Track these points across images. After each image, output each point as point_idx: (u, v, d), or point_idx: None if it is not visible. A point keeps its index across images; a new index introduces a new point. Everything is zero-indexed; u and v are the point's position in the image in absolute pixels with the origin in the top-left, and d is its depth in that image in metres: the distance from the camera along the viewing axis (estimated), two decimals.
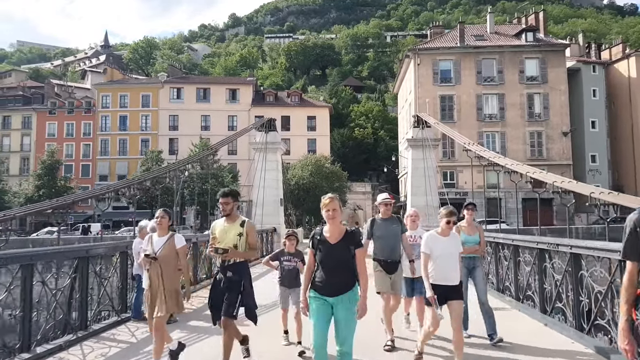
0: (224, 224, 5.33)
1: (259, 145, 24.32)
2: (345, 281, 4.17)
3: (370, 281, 4.54)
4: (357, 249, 4.20)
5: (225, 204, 5.26)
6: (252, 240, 5.29)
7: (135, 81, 73.32)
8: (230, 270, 5.21)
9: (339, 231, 4.21)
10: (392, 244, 6.52)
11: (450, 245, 5.39)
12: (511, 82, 45.31)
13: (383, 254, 6.54)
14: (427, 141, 22.35)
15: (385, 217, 6.60)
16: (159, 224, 5.79)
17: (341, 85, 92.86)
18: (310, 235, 4.43)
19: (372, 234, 6.62)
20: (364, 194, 63.81)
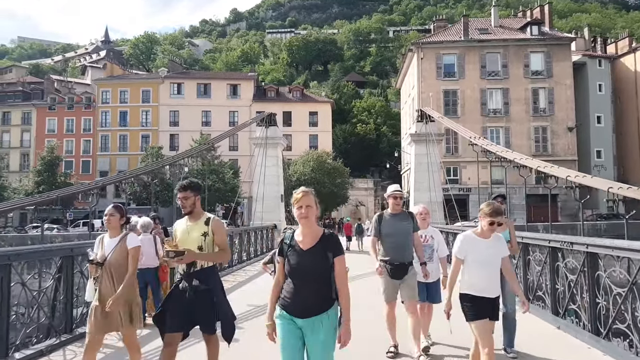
0: (185, 223, 4.46)
1: (259, 141, 23.82)
2: (320, 298, 3.34)
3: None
4: (337, 257, 3.38)
5: (185, 199, 4.38)
6: (221, 240, 4.42)
7: (135, 76, 72.87)
8: (196, 277, 4.28)
9: (314, 234, 3.42)
10: (403, 243, 5.71)
11: (492, 251, 4.40)
12: (516, 76, 44.69)
13: (392, 255, 5.73)
14: (430, 136, 21.80)
15: (394, 212, 5.80)
16: (107, 223, 4.89)
17: (343, 81, 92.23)
18: (279, 240, 3.65)
19: (380, 232, 5.81)
20: (366, 190, 63.38)
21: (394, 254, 5.69)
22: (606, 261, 6.09)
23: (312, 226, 3.43)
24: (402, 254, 5.71)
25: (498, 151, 16.52)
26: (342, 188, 50.58)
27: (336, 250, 3.39)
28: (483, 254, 4.36)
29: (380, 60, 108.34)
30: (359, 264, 17.08)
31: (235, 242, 15.67)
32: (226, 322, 4.38)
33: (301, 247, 3.41)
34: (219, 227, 4.43)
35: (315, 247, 3.37)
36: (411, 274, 5.78)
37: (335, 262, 3.37)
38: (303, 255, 3.38)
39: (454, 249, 4.49)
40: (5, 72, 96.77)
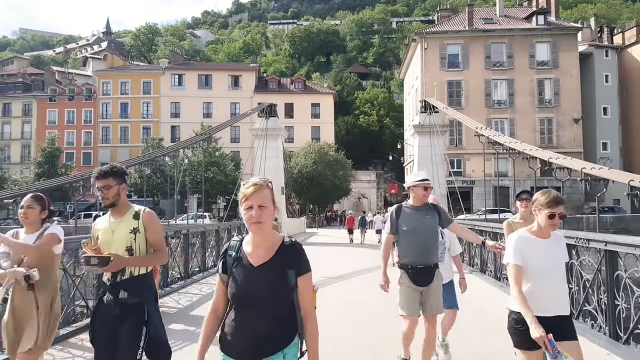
0: (108, 219, 3.53)
1: (259, 132, 23.34)
2: (276, 334, 2.37)
3: None
4: (301, 276, 2.41)
5: (105, 189, 3.43)
6: (155, 238, 3.52)
7: (136, 67, 72.28)
8: (124, 288, 3.34)
9: (269, 244, 2.44)
10: (426, 242, 4.72)
11: (555, 254, 3.37)
12: (521, 67, 43.99)
13: (414, 256, 4.73)
14: (434, 127, 21.25)
15: (417, 204, 4.79)
16: (24, 217, 4.00)
17: (346, 72, 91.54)
18: (222, 251, 2.61)
19: (398, 228, 4.83)
20: (368, 183, 62.99)
21: (417, 255, 4.72)
22: (627, 260, 5.65)
23: (268, 234, 2.44)
24: (427, 254, 4.75)
25: (506, 142, 15.93)
26: (344, 180, 50.12)
27: (300, 267, 2.42)
28: (545, 259, 3.30)
29: (383, 52, 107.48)
30: (360, 256, 16.84)
31: (233, 235, 15.28)
32: (157, 349, 3.35)
33: (250, 262, 2.42)
34: (152, 222, 3.51)
35: (271, 262, 2.40)
36: (438, 280, 4.85)
37: (299, 283, 2.41)
38: (253, 274, 2.39)
39: (508, 253, 3.37)
40: (7, 63, 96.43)
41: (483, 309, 7.90)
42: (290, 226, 27.04)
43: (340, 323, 6.97)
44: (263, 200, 2.36)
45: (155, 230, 3.53)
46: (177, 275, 10.80)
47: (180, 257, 10.87)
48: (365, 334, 6.39)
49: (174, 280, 10.41)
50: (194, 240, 11.87)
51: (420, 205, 4.78)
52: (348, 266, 13.46)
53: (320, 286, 9.85)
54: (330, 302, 8.42)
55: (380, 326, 6.69)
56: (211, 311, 2.54)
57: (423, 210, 4.78)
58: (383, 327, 6.65)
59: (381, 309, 7.56)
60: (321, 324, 2.44)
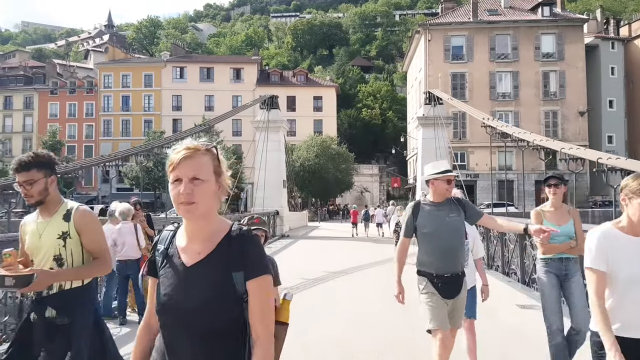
0: (36, 219, 2.85)
1: (260, 124, 22.95)
2: (219, 355, 1.65)
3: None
4: (253, 280, 1.65)
5: (28, 184, 2.72)
6: (93, 243, 2.82)
7: (137, 60, 71.97)
8: (51, 305, 2.69)
9: (208, 234, 1.70)
10: (452, 245, 3.94)
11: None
12: (526, 59, 43.42)
13: (436, 264, 3.95)
14: (439, 119, 20.83)
15: (439, 200, 4.02)
16: None
17: (348, 65, 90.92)
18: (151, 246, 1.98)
19: (417, 230, 4.03)
20: (371, 176, 62.66)
21: (442, 262, 3.93)
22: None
23: (206, 220, 1.69)
24: (453, 260, 3.97)
25: (515, 132, 15.48)
26: (347, 174, 49.72)
27: (251, 267, 1.65)
28: (637, 264, 2.46)
29: (386, 45, 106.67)
30: (363, 250, 16.52)
31: None
32: None
33: (182, 260, 1.70)
34: (86, 223, 2.80)
35: (209, 260, 1.67)
36: (465, 290, 4.10)
37: (250, 290, 1.64)
38: (184, 277, 1.68)
39: (589, 255, 2.53)
40: (9, 57, 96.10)
41: (492, 309, 7.54)
42: (292, 220, 26.74)
43: (341, 321, 6.66)
44: (198, 171, 1.61)
45: (92, 234, 2.81)
46: None
47: None
48: (367, 333, 6.09)
49: None
50: None
51: (442, 201, 4.00)
52: (351, 261, 13.14)
53: (322, 281, 9.54)
54: (332, 298, 8.11)
55: (383, 325, 6.40)
56: (143, 325, 1.85)
57: (446, 208, 3.99)
58: (386, 326, 6.37)
59: (384, 307, 7.25)
60: (322, 322, 2.14)
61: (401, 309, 6.87)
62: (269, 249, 16.81)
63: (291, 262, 12.90)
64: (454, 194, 4.14)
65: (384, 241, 20.48)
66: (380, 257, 13.86)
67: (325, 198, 53.76)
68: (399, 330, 6.08)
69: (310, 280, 9.58)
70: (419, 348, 5.22)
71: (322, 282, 9.56)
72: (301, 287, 8.92)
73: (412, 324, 6.16)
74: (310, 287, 9.06)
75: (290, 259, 14.03)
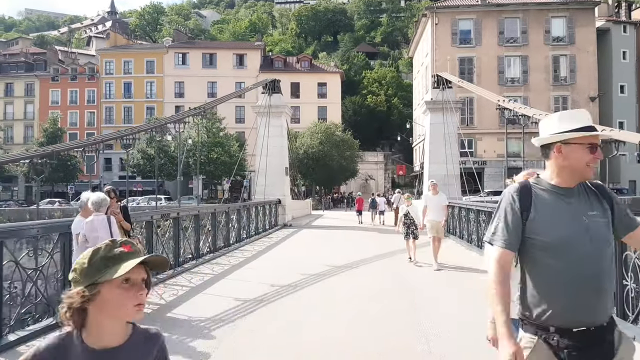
0: None
1: (261, 109, 22.10)
2: None
3: None
4: None
5: None
6: None
7: (139, 46, 71.02)
8: None
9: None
10: (596, 268, 2.03)
11: None
12: (536, 43, 42.23)
13: (563, 306, 2.03)
14: (448, 103, 19.91)
15: (568, 183, 2.14)
16: None
17: (353, 51, 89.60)
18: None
19: (526, 237, 2.12)
20: (376, 164, 61.86)
21: (576, 304, 2.02)
22: None
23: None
24: (598, 299, 2.05)
25: (536, 114, 14.75)
26: (351, 161, 48.89)
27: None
28: None
29: (392, 31, 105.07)
30: (368, 241, 15.76)
31: (232, 218, 14.24)
32: None
33: None
34: None
35: None
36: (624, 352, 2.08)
37: None
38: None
39: None
40: (12, 44, 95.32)
41: None
42: (295, 208, 25.98)
43: (343, 321, 5.95)
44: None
45: None
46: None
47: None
48: (370, 334, 5.39)
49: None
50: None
51: (574, 186, 2.14)
52: (355, 253, 12.37)
53: (323, 277, 8.77)
54: (333, 296, 7.37)
55: (388, 327, 5.70)
56: None
57: (582, 198, 2.13)
58: (390, 328, 5.68)
59: (389, 306, 6.53)
60: (323, 321, 1.50)
61: (406, 310, 6.12)
62: (270, 239, 16.10)
63: (292, 255, 12.19)
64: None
65: (388, 231, 19.73)
66: (385, 248, 13.11)
67: (330, 186, 53.00)
68: (403, 334, 5.38)
69: (311, 276, 8.83)
70: (424, 352, 4.57)
71: (323, 278, 8.80)
72: (302, 284, 8.18)
73: (418, 325, 5.48)
74: (311, 283, 8.31)
75: (291, 251, 13.25)
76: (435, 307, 6.60)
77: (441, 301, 7.00)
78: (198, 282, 8.53)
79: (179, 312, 6.48)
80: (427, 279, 8.67)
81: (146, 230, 8.52)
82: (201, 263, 10.54)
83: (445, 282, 8.39)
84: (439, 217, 10.21)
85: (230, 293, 7.46)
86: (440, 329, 5.45)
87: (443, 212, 10.39)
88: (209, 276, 9.08)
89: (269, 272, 9.51)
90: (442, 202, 10.40)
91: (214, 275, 9.14)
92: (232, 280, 8.80)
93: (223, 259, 11.34)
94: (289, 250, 13.35)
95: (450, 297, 7.26)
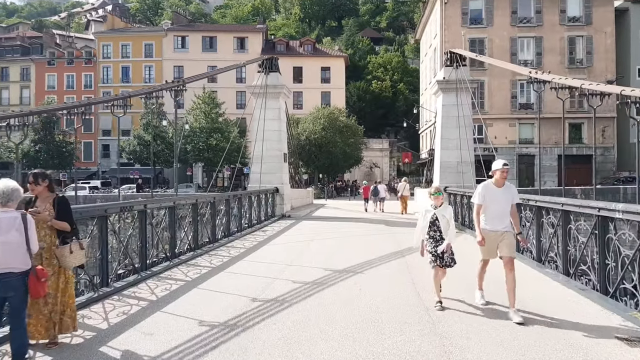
0: None
1: (257, 89, 20.26)
2: None
3: None
4: None
5: None
6: None
7: (137, 29, 69.10)
8: None
9: None
10: None
11: None
12: (550, 23, 40.08)
13: None
14: (462, 83, 18.00)
15: None
16: None
17: (358, 36, 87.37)
18: None
19: None
20: (381, 151, 60.11)
21: None
22: (617, 224, 6.03)
23: None
24: None
25: (585, 84, 14.31)
26: (356, 148, 47.00)
27: None
28: None
29: (397, 16, 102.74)
30: (373, 237, 13.90)
31: (220, 209, 12.56)
32: None
33: None
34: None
35: None
36: None
37: None
38: None
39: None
40: (13, 29, 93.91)
41: None
42: (295, 198, 24.24)
43: (335, 335, 4.22)
44: None
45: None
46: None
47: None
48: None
49: (182, 251, 9.71)
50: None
51: None
52: (358, 252, 10.66)
53: (319, 288, 6.81)
54: (329, 319, 5.57)
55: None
56: None
57: None
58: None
59: (403, 341, 4.81)
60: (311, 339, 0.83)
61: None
62: (264, 233, 14.37)
63: (283, 256, 10.21)
64: None
65: (395, 222, 18.00)
66: (393, 246, 11.37)
67: (333, 174, 51.18)
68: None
69: (303, 287, 6.99)
70: None
71: (318, 289, 6.96)
72: (291, 299, 6.36)
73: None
74: (303, 297, 6.48)
75: (283, 251, 11.08)
76: None
77: None
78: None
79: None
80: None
81: (98, 228, 6.77)
82: (176, 265, 8.80)
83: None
84: (504, 223, 5.95)
85: (201, 311, 5.75)
86: None
87: (513, 216, 6.07)
88: (180, 284, 7.33)
89: (252, 280, 7.74)
90: (512, 199, 6.01)
91: (185, 284, 7.37)
92: (206, 290, 7.03)
93: (204, 259, 9.61)
94: (281, 250, 11.34)
95: None
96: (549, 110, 37.39)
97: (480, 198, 6.00)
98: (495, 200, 5.93)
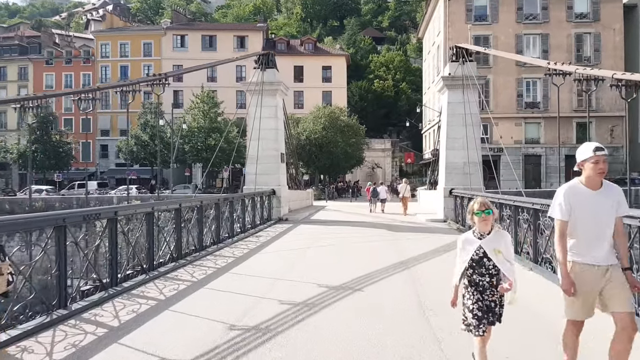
0: None
1: (252, 86, 19.32)
2: None
3: None
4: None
5: None
6: None
7: (136, 28, 68.41)
8: None
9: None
10: None
11: None
12: (557, 19, 39.23)
13: None
14: (470, 79, 17.02)
15: None
16: None
17: (360, 35, 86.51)
18: None
19: None
20: (383, 152, 59.14)
21: None
22: None
23: None
24: None
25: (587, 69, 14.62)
26: (357, 148, 46.00)
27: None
28: None
29: (399, 15, 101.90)
30: (374, 243, 12.94)
31: (210, 214, 11.65)
32: None
33: None
34: None
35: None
36: None
37: None
38: None
39: None
40: (14, 29, 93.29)
41: None
42: (293, 200, 23.27)
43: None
44: None
45: None
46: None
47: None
48: None
49: (163, 262, 8.99)
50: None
51: None
52: (358, 262, 9.71)
53: (310, 312, 5.66)
54: (316, 342, 4.59)
55: None
56: None
57: None
58: None
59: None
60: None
61: None
62: (257, 239, 13.40)
63: (275, 267, 9.19)
64: None
65: (398, 227, 17.01)
66: (396, 255, 10.40)
67: (334, 174, 50.19)
68: None
69: (292, 310, 5.96)
70: None
71: (309, 313, 5.96)
72: (275, 327, 5.31)
73: None
74: (290, 325, 5.45)
75: (275, 261, 10.03)
76: None
77: None
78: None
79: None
80: None
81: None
82: (153, 279, 7.84)
83: None
84: (606, 251, 3.62)
85: (164, 345, 4.80)
86: None
87: (618, 237, 3.67)
88: (150, 304, 6.37)
89: (234, 300, 6.78)
90: (617, 208, 3.64)
91: (156, 304, 6.39)
92: (178, 313, 6.07)
93: (186, 271, 8.65)
94: (272, 260, 10.29)
95: None
96: (555, 109, 36.36)
97: (564, 210, 3.61)
98: (589, 211, 3.57)
